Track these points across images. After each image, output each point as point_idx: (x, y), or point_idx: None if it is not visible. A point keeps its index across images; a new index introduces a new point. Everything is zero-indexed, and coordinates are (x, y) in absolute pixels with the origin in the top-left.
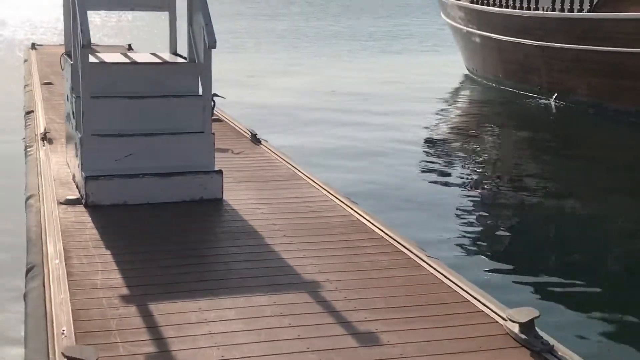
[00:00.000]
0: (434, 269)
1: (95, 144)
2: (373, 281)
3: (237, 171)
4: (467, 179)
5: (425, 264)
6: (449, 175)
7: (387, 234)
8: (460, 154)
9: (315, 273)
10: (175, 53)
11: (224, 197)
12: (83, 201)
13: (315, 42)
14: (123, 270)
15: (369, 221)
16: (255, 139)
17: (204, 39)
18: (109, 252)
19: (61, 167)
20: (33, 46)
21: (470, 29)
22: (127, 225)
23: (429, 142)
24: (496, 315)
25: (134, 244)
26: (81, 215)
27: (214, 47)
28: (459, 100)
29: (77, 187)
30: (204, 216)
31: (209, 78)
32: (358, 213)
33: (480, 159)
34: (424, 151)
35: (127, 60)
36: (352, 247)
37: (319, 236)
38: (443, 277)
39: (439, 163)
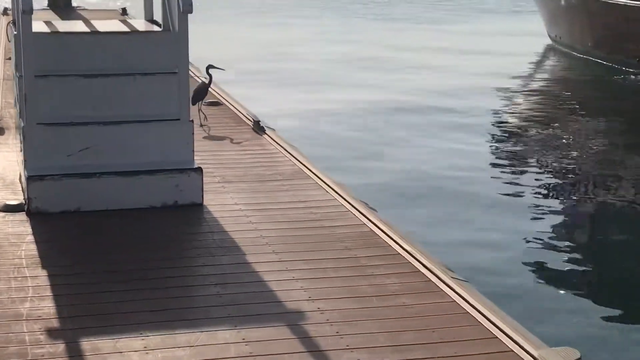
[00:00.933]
0: (460, 295)
1: (41, 136)
2: (377, 311)
3: (228, 168)
4: (538, 181)
5: (448, 288)
6: (514, 177)
7: (405, 250)
8: (531, 147)
9: (303, 300)
10: (151, 20)
11: (205, 202)
12: (25, 207)
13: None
14: (58, 297)
15: (385, 233)
16: (259, 127)
17: (177, 1)
18: (46, 273)
19: (10, 163)
20: (5, 12)
21: None
22: (77, 239)
23: (494, 131)
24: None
25: (81, 263)
26: (21, 225)
27: (190, 11)
28: (537, 76)
29: (22, 190)
30: (176, 227)
31: (186, 50)
32: (373, 222)
33: (559, 154)
34: (487, 143)
35: (84, 29)
36: (357, 267)
37: (317, 252)
38: (469, 306)
39: (504, 160)
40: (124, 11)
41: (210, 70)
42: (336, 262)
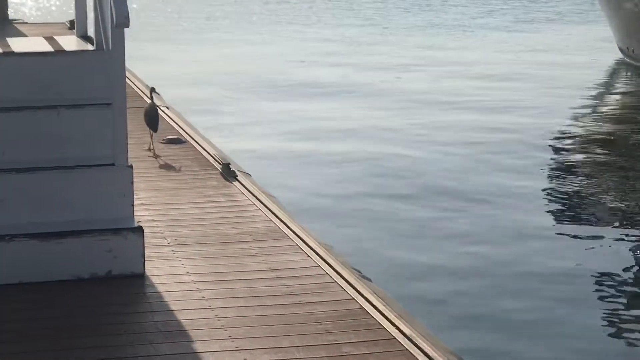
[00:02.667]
0: None
1: None
2: None
3: (183, 226)
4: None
5: None
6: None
7: (404, 335)
8: (596, 182)
9: None
10: (85, 36)
11: (148, 272)
12: None
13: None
14: None
15: (379, 312)
16: (228, 172)
17: (110, 13)
18: None
19: None
20: None
21: None
22: None
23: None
24: None
25: None
26: None
27: (126, 25)
28: (605, 97)
29: None
30: (107, 305)
31: (122, 75)
32: (365, 298)
33: (626, 193)
34: (542, 183)
35: None
36: (339, 357)
37: (286, 337)
38: None
39: (560, 201)
40: (72, 24)
41: (153, 94)
42: (310, 351)
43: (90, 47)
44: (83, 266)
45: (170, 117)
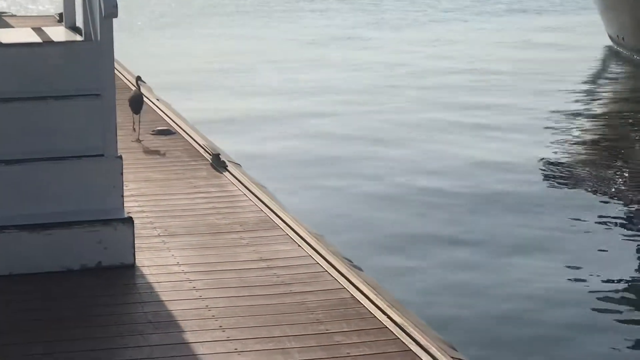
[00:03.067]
0: None
1: None
2: None
3: (173, 217)
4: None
5: None
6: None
7: (396, 323)
8: (590, 183)
9: None
10: (73, 27)
11: (138, 263)
12: None
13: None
14: None
15: (370, 301)
16: (218, 162)
17: (99, 3)
18: None
19: None
20: None
21: None
22: None
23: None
24: None
25: None
26: None
27: (114, 15)
28: (594, 87)
29: None
30: (97, 296)
31: (110, 66)
32: (356, 287)
33: (622, 186)
34: (534, 175)
35: None
36: (330, 347)
37: (277, 327)
38: None
39: (553, 203)
40: (61, 17)
41: (140, 83)
42: (302, 341)
43: (79, 37)
44: (73, 257)
45: (160, 109)
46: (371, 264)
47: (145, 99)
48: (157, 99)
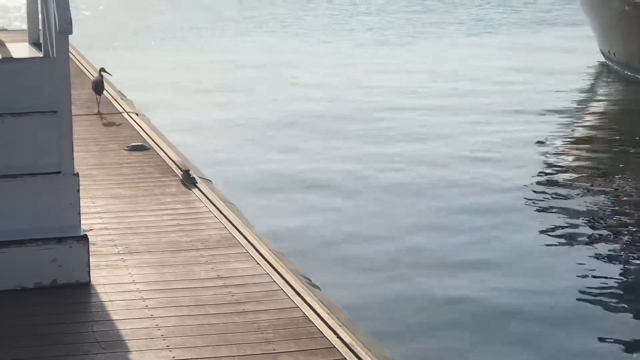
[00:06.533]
0: None
1: None
2: None
3: (135, 234)
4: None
5: None
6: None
7: (344, 343)
8: (581, 199)
9: None
10: (36, 43)
11: (94, 281)
12: None
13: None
14: None
15: (322, 319)
16: (188, 179)
17: (54, 18)
18: None
19: None
20: None
21: None
22: None
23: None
24: None
25: None
26: None
27: (69, 31)
28: (586, 104)
29: None
30: (49, 315)
31: (66, 82)
32: (309, 305)
33: (614, 207)
34: (523, 197)
35: None
36: None
37: (223, 347)
38: None
39: (545, 219)
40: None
41: (103, 73)
42: None
43: (39, 54)
44: (27, 276)
45: (137, 123)
46: (332, 281)
47: (124, 114)
48: (137, 114)
